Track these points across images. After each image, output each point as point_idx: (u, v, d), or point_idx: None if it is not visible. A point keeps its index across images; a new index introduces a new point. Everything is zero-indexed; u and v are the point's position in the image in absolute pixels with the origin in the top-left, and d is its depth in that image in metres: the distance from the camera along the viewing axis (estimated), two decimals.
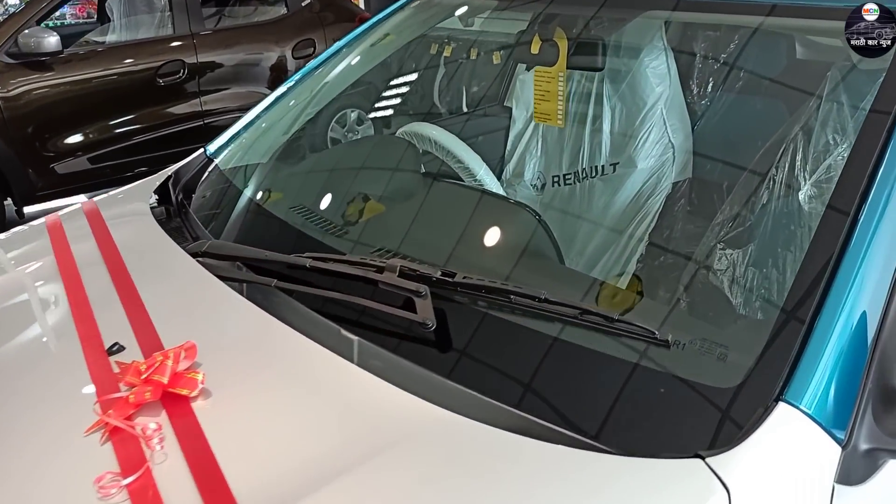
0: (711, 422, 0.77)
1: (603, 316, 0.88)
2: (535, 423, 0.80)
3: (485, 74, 2.42)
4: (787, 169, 1.28)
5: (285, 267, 1.11)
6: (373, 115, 2.53)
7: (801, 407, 0.76)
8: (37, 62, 4.15)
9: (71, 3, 7.10)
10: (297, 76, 1.84)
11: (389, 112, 2.33)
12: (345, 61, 1.83)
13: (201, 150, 1.77)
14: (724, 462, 0.72)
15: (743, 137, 1.68)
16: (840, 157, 1.06)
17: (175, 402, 0.88)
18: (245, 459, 0.79)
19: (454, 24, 2.06)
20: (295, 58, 5.19)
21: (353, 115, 4.30)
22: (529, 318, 0.93)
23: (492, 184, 1.70)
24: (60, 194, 4.76)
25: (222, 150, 1.72)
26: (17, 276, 1.29)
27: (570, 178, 2.06)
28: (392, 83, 2.27)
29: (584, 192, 1.98)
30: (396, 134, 1.83)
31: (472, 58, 2.44)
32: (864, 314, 0.82)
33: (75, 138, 4.32)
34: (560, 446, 0.75)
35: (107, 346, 1.00)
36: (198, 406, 0.87)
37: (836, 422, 0.78)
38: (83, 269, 1.24)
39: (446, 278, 0.98)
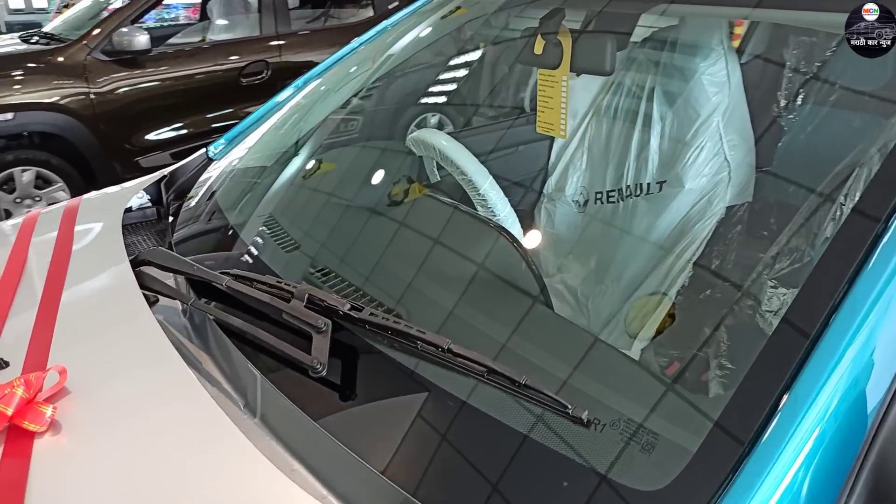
0: None
1: (509, 378, 0.69)
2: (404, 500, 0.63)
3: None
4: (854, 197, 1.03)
5: (207, 285, 0.99)
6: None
7: None
8: (127, 60, 4.32)
9: (186, 6, 7.49)
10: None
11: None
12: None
13: (202, 149, 1.70)
14: None
15: (820, 159, 1.41)
16: None
17: (17, 438, 0.77)
18: None
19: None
20: None
21: (434, 119, 4.21)
22: (431, 368, 0.76)
23: (496, 199, 1.51)
24: None
25: (223, 150, 1.65)
26: None
27: (613, 196, 1.86)
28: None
29: (627, 212, 1.77)
30: (407, 141, 1.68)
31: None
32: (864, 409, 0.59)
33: (158, 134, 4.47)
34: None
35: None
36: (39, 445, 0.76)
37: None
38: (25, 275, 1.17)
39: (352, 313, 0.82)
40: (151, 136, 4.44)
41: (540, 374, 0.73)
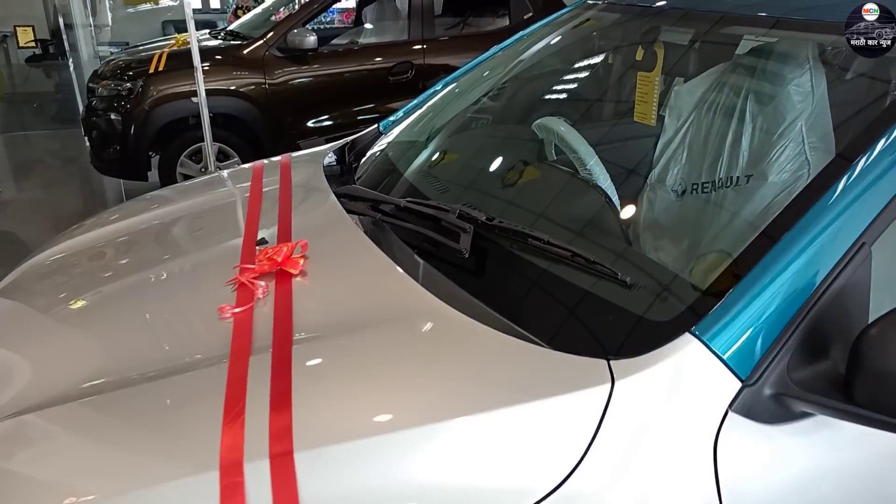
0: (626, 341, 1.00)
1: (583, 257, 1.12)
2: (508, 325, 1.08)
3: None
4: None
5: (391, 207, 1.49)
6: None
7: (706, 342, 0.95)
8: (297, 57, 5.04)
9: (340, 10, 8.32)
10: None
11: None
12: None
13: (376, 125, 2.23)
14: (625, 365, 0.94)
15: None
16: None
17: (283, 275, 1.29)
18: (311, 311, 1.18)
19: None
20: None
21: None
22: (540, 256, 1.21)
23: (600, 174, 1.92)
24: None
25: (389, 125, 2.16)
26: (228, 192, 1.83)
27: (707, 187, 2.19)
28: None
29: (718, 200, 2.11)
30: (533, 126, 2.12)
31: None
32: (803, 280, 0.97)
33: (317, 121, 5.17)
34: (525, 343, 1.03)
35: (257, 239, 1.46)
36: (296, 280, 1.28)
37: (741, 362, 0.95)
38: (264, 196, 1.73)
39: (488, 221, 1.28)
40: (311, 123, 5.14)
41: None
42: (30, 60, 9.33)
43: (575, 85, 2.33)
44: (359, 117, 5.18)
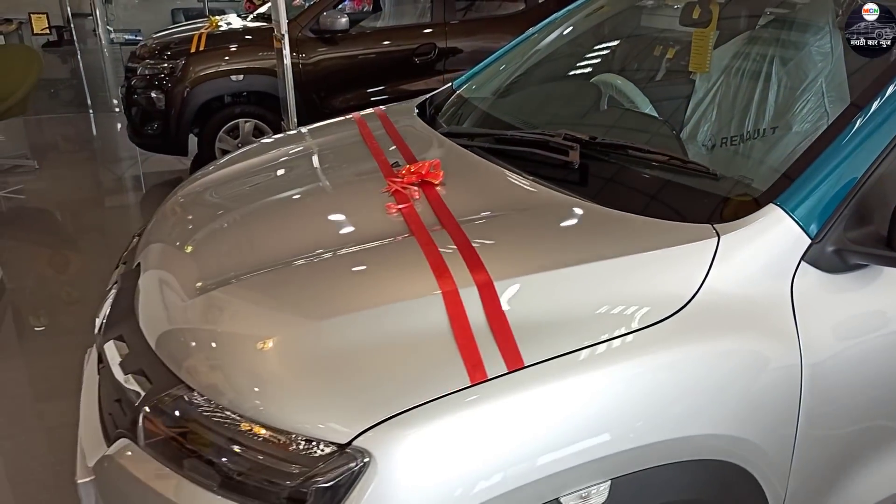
0: (727, 213, 1.32)
1: (679, 158, 1.45)
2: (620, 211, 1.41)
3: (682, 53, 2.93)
4: None
5: (491, 139, 1.81)
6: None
7: (787, 209, 1.28)
8: (328, 38, 5.32)
9: None
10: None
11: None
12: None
13: (449, 84, 2.54)
14: (725, 227, 1.27)
15: None
16: None
17: (426, 185, 1.60)
18: (461, 205, 1.50)
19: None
20: None
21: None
22: (632, 162, 1.54)
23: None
24: None
25: (462, 84, 2.48)
26: (344, 134, 2.15)
27: (735, 140, 2.52)
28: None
29: (746, 150, 2.44)
30: (592, 81, 2.45)
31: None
32: (858, 159, 1.30)
33: (346, 98, 5.47)
34: (646, 217, 1.36)
35: (390, 163, 1.77)
36: (439, 188, 1.59)
37: (810, 225, 1.28)
38: (376, 137, 2.04)
39: (591, 140, 1.61)
40: (340, 101, 5.43)
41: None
42: (46, 47, 9.53)
43: (622, 48, 2.65)
44: (385, 95, 5.47)
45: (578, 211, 1.44)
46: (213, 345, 1.26)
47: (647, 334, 1.16)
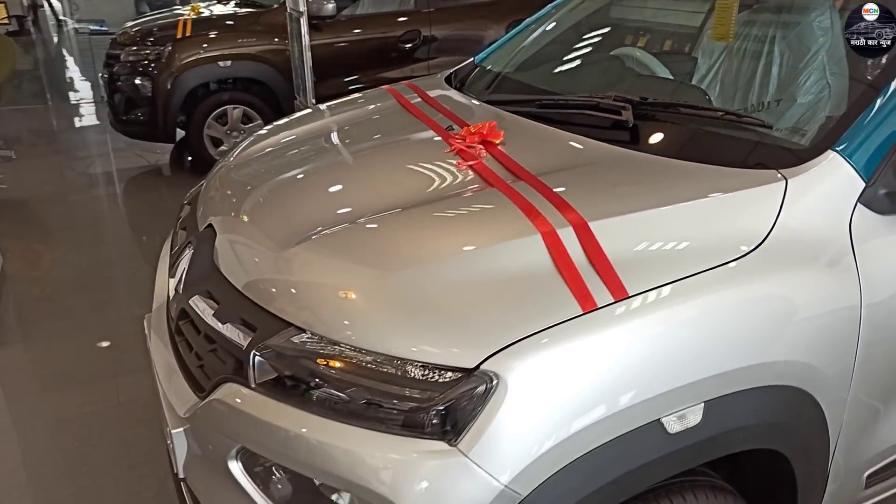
0: (787, 160, 1.42)
1: (734, 113, 1.55)
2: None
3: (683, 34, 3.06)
4: None
5: (535, 104, 1.88)
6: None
7: (845, 156, 1.39)
8: (315, 24, 5.31)
9: None
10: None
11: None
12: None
13: (471, 59, 2.61)
14: (790, 171, 1.37)
15: None
16: None
17: (488, 144, 1.67)
18: (528, 161, 1.57)
19: None
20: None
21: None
22: (686, 119, 1.64)
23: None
24: None
25: (484, 59, 2.55)
26: (384, 104, 2.20)
27: (768, 101, 2.63)
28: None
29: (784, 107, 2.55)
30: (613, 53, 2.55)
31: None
32: None
33: (335, 84, 5.48)
34: (713, 166, 1.45)
35: (444, 126, 1.83)
36: (501, 147, 1.66)
37: (865, 170, 1.39)
38: (416, 105, 2.10)
39: (642, 100, 1.70)
40: (329, 85, 5.44)
41: None
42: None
43: (635, 22, 2.76)
44: (378, 79, 5.49)
45: (648, 162, 1.53)
46: (329, 288, 1.31)
47: (730, 269, 1.25)
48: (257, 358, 1.27)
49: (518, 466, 1.10)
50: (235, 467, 1.32)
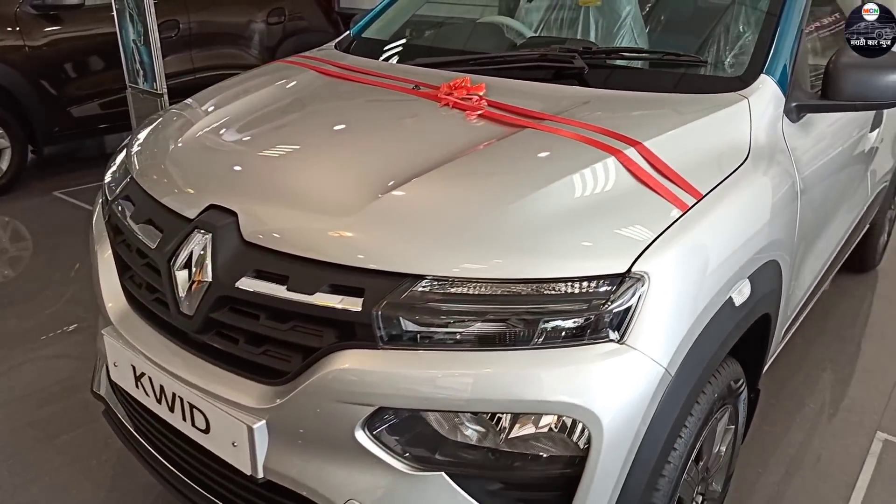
0: (735, 85, 1.77)
1: (673, 53, 1.87)
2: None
3: None
4: None
5: (478, 63, 2.01)
6: None
7: (772, 76, 1.77)
8: (54, 15, 4.63)
9: None
10: None
11: None
12: None
13: (346, 32, 2.61)
14: (747, 92, 1.71)
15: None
16: None
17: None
18: (528, 105, 1.69)
19: None
20: (268, 24, 5.95)
21: None
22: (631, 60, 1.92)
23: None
24: (76, 136, 5.24)
25: (362, 29, 2.57)
26: (306, 78, 2.13)
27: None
28: None
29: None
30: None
31: None
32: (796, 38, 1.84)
33: (88, 85, 4.85)
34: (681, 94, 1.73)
35: (410, 87, 1.87)
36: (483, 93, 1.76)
37: (782, 87, 1.79)
38: (346, 75, 2.07)
39: (585, 49, 1.93)
40: (82, 87, 4.79)
41: None
42: None
43: None
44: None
45: (632, 97, 1.76)
46: (448, 228, 1.31)
47: (743, 170, 1.55)
48: (381, 316, 1.23)
49: (671, 349, 1.26)
50: (363, 436, 1.27)
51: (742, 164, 1.57)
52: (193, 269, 1.43)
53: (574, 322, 1.21)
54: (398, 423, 1.28)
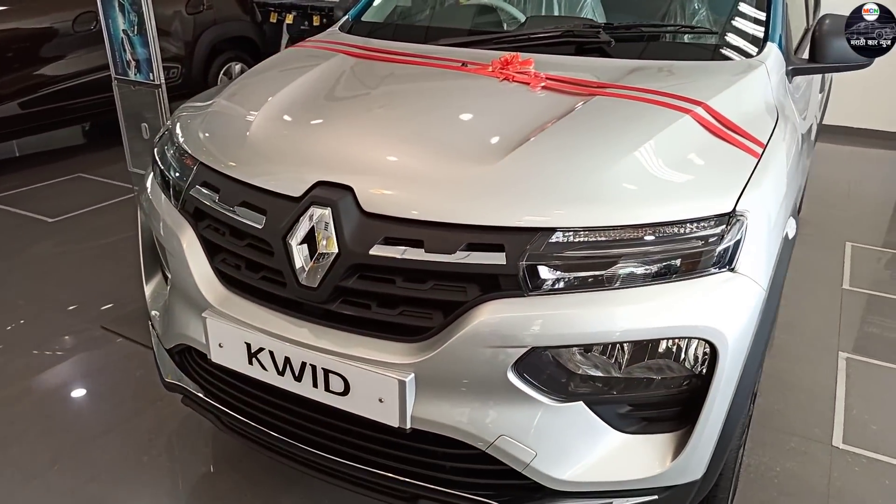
0: (748, 52, 2.02)
1: (688, 26, 2.10)
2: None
3: None
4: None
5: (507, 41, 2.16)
6: None
7: (777, 44, 2.04)
8: None
9: None
10: None
11: None
12: None
13: (345, 17, 2.67)
14: (762, 57, 1.98)
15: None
16: None
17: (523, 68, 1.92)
18: (578, 76, 1.87)
19: None
20: (187, 14, 5.79)
21: None
22: (654, 35, 2.13)
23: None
24: None
25: (359, 13, 2.65)
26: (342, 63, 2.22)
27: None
28: None
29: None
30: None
31: None
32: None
33: (4, 85, 4.54)
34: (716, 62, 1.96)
35: (459, 64, 1.99)
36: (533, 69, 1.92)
37: (785, 54, 2.07)
38: (384, 58, 2.16)
39: (609, 23, 2.13)
40: None
41: None
42: None
43: None
44: (57, 73, 4.71)
45: (672, 65, 1.99)
46: (577, 181, 1.46)
47: (780, 122, 1.80)
48: (526, 267, 1.37)
49: (767, 273, 1.48)
50: (513, 376, 1.40)
51: (777, 117, 1.82)
52: (320, 243, 1.50)
53: (698, 256, 1.40)
54: (541, 362, 1.43)
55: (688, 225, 1.42)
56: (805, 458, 2.31)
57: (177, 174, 1.85)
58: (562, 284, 1.39)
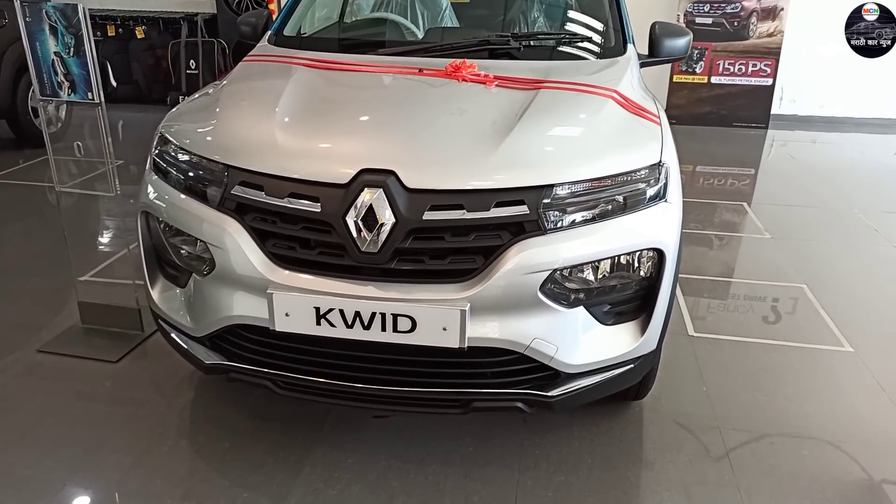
0: (619, 52, 2.75)
1: (572, 32, 2.78)
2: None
3: None
4: None
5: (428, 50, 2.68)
6: None
7: (632, 43, 2.79)
8: None
9: None
10: None
11: None
12: None
13: (268, 33, 2.98)
14: (629, 55, 2.72)
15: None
16: None
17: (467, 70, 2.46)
18: (511, 74, 2.46)
19: None
20: None
21: None
22: (543, 42, 2.79)
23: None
24: None
25: (278, 28, 2.98)
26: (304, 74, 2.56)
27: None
28: None
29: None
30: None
31: None
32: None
33: None
34: (601, 59, 2.65)
35: (417, 70, 2.48)
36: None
37: (635, 50, 2.83)
38: (330, 65, 2.56)
39: (504, 34, 2.74)
40: None
41: None
42: None
43: None
44: None
45: (575, 64, 2.64)
46: (565, 147, 2.05)
47: (654, 101, 2.54)
48: (544, 213, 1.93)
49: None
50: (540, 294, 1.95)
51: (653, 98, 2.56)
52: (379, 216, 1.91)
53: (643, 194, 2.06)
54: (556, 281, 1.99)
55: (637, 173, 2.07)
56: (674, 346, 3.14)
57: (207, 180, 2.09)
58: (567, 222, 1.96)
